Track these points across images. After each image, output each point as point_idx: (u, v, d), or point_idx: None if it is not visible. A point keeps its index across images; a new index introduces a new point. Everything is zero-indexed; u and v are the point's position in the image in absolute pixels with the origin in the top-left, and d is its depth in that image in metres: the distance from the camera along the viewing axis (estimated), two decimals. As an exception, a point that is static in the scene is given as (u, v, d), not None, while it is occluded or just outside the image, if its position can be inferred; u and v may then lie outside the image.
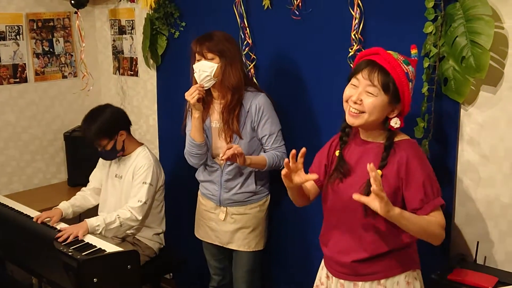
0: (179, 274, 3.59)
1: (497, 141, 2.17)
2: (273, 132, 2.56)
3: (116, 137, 2.87)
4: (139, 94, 3.68)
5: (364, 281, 1.98)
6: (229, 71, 2.46)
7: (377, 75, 1.83)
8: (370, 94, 1.84)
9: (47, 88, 3.71)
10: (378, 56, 1.86)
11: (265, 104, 2.53)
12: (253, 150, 2.59)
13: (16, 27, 3.50)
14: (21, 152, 3.64)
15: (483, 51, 2.05)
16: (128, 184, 2.90)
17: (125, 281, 2.46)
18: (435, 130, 2.26)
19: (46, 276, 2.59)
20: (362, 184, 1.88)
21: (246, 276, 2.76)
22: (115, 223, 2.74)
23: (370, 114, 1.85)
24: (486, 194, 2.23)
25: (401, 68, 1.84)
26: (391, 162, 1.89)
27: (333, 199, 2.01)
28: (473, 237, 2.28)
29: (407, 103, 1.88)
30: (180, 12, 3.21)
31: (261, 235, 2.72)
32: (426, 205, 1.86)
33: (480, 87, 2.18)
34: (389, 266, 1.95)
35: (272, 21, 2.76)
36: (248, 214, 2.66)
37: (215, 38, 2.46)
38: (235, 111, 2.51)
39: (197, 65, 2.47)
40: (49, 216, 2.82)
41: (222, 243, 2.73)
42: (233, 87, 2.48)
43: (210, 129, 2.61)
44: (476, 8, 2.06)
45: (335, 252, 2.02)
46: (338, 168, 1.99)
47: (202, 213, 2.79)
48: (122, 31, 3.67)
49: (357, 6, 2.40)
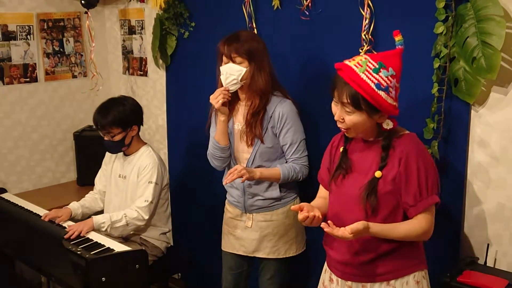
0: (188, 274, 3.59)
1: (508, 142, 2.15)
2: (295, 142, 2.47)
3: (129, 130, 2.87)
4: (148, 94, 3.69)
5: (373, 282, 1.96)
6: (258, 75, 2.39)
7: (345, 94, 1.83)
8: (348, 112, 1.86)
9: (57, 87, 3.73)
10: (341, 72, 1.85)
11: (290, 112, 2.45)
12: (275, 157, 2.52)
13: (26, 27, 3.52)
14: (31, 151, 3.66)
15: (494, 51, 2.03)
16: (133, 184, 2.90)
17: (133, 281, 2.46)
18: (445, 131, 2.25)
19: (55, 274, 2.60)
20: (363, 185, 1.91)
21: (274, 278, 2.67)
22: (121, 221, 2.75)
23: (355, 129, 1.90)
24: (496, 196, 2.21)
25: (366, 83, 1.79)
26: (391, 161, 1.90)
27: (337, 196, 2.03)
28: (483, 240, 2.26)
29: (388, 109, 1.84)
30: (190, 12, 3.21)
31: (292, 241, 2.60)
32: (420, 203, 1.87)
33: (491, 88, 2.16)
34: (398, 267, 1.95)
35: (281, 22, 2.76)
36: (275, 220, 2.55)
37: (242, 39, 2.38)
38: (260, 115, 2.44)
39: (225, 67, 2.39)
40: (57, 214, 2.84)
41: (247, 252, 2.62)
42: (261, 91, 2.42)
43: (233, 131, 2.55)
44: (487, 8, 2.04)
45: (342, 253, 2.00)
46: (341, 165, 2.01)
47: (227, 221, 2.70)
48: (132, 31, 3.68)
49: (367, 6, 2.39)
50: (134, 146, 2.95)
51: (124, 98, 2.96)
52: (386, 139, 1.91)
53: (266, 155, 2.48)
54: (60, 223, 2.80)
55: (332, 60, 2.57)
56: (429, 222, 1.90)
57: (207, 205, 3.32)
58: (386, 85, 1.81)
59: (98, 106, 2.91)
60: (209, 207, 3.26)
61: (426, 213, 1.89)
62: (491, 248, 2.23)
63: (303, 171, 2.52)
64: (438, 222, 2.34)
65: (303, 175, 2.52)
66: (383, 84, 1.80)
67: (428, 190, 1.88)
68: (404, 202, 1.90)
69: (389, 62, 1.84)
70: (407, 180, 1.87)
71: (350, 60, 1.86)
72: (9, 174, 3.57)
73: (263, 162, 2.50)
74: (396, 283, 1.95)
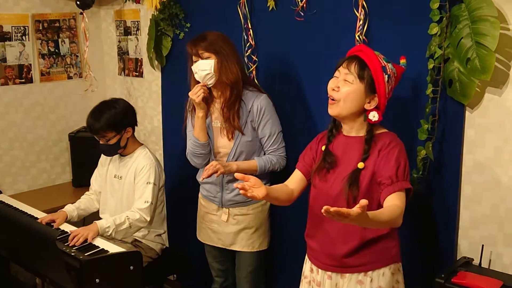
0: (183, 275, 3.58)
1: (502, 143, 2.15)
2: (273, 134, 2.58)
3: (123, 133, 2.86)
4: (144, 95, 3.69)
5: (352, 272, 2.05)
6: (226, 67, 2.48)
7: (354, 64, 1.97)
8: (347, 81, 1.97)
9: (53, 88, 3.72)
10: (360, 52, 2.01)
11: (267, 105, 2.56)
12: (254, 150, 2.60)
13: (22, 27, 3.51)
14: (26, 152, 3.65)
15: (488, 52, 2.03)
16: (130, 185, 2.90)
17: (128, 282, 2.45)
18: (439, 132, 2.25)
19: (49, 276, 2.59)
20: (343, 179, 1.99)
21: (250, 277, 2.76)
22: (125, 224, 2.74)
23: (344, 101, 1.97)
24: (491, 197, 2.21)
25: (378, 61, 1.96)
26: (372, 154, 1.99)
27: (320, 189, 2.08)
28: (478, 241, 2.26)
29: (382, 95, 1.97)
30: (185, 13, 3.21)
31: (264, 235, 2.72)
32: (395, 183, 1.92)
33: (485, 89, 2.16)
34: (376, 259, 2.03)
35: (276, 22, 2.76)
36: (251, 214, 2.66)
37: (208, 38, 2.49)
38: (235, 107, 2.53)
39: (195, 66, 2.50)
40: (53, 218, 2.82)
41: (224, 245, 2.73)
42: (231, 83, 2.50)
43: (211, 128, 2.62)
44: (482, 9, 2.04)
45: (324, 244, 2.09)
46: (326, 159, 2.08)
47: (203, 216, 2.79)
48: (127, 32, 3.68)
49: (362, 7, 2.39)
50: (130, 147, 2.94)
51: (115, 101, 2.93)
52: (369, 132, 2.01)
53: (247, 148, 2.57)
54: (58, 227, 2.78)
55: (326, 61, 2.60)
56: (403, 202, 1.93)
57: (202, 206, 3.31)
58: (389, 73, 1.99)
59: (91, 111, 2.89)
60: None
61: (400, 193, 1.93)
62: (486, 249, 2.22)
63: (280, 162, 2.61)
64: (433, 223, 2.35)
65: (281, 166, 2.62)
66: (388, 70, 1.98)
67: (404, 176, 1.95)
68: (380, 183, 1.95)
69: (395, 66, 2.05)
70: (386, 163, 1.95)
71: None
72: (4, 175, 3.56)
73: (243, 156, 2.59)
74: (373, 274, 2.03)
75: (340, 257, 2.04)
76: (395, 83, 2.05)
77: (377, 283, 2.03)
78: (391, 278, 2.05)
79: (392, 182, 1.92)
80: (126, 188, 2.91)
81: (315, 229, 2.13)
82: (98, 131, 2.81)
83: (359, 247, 2.02)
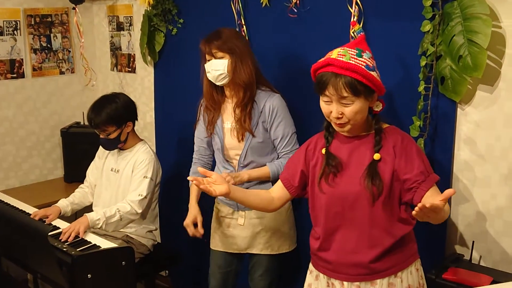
0: (175, 272, 3.58)
1: (493, 140, 2.17)
2: (286, 135, 2.47)
3: (123, 127, 2.86)
4: (136, 90, 3.68)
5: (382, 277, 1.95)
6: (240, 68, 2.40)
7: (342, 86, 1.81)
8: (346, 104, 1.85)
9: (45, 83, 3.71)
10: (332, 67, 1.83)
11: (280, 106, 2.46)
12: (267, 152, 2.51)
13: (13, 22, 3.49)
14: (18, 147, 3.63)
15: (480, 50, 2.05)
16: (127, 179, 2.89)
17: (120, 278, 2.45)
18: (431, 129, 2.26)
19: (41, 272, 2.58)
20: (361, 176, 1.90)
21: (262, 280, 2.66)
22: (115, 216, 2.73)
23: (354, 120, 1.87)
24: (482, 194, 2.23)
25: (358, 67, 1.81)
26: (385, 146, 1.91)
27: (331, 195, 1.97)
28: (469, 237, 2.28)
29: (381, 88, 1.87)
30: (178, 9, 3.20)
31: (285, 237, 2.60)
32: (428, 178, 1.87)
33: (477, 87, 2.17)
34: (403, 258, 1.97)
35: (269, 19, 2.76)
36: (267, 217, 2.53)
37: (223, 36, 2.40)
38: (247, 108, 2.44)
39: (208, 65, 2.42)
40: (46, 214, 2.81)
41: (239, 249, 2.61)
42: (244, 84, 2.41)
43: (222, 129, 2.54)
44: (474, 7, 2.06)
45: (344, 254, 1.97)
46: (330, 163, 1.97)
47: (219, 220, 2.67)
48: (120, 28, 3.67)
49: (356, 4, 2.40)
50: (130, 142, 2.93)
51: (116, 95, 2.93)
52: (377, 123, 1.93)
53: (257, 150, 2.48)
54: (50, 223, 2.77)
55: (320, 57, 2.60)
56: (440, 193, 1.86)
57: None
58: (372, 65, 1.86)
59: (91, 105, 2.88)
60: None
61: (435, 186, 1.89)
62: (477, 245, 2.24)
63: None
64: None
65: None
66: (370, 65, 1.85)
67: (430, 168, 1.91)
68: (413, 181, 1.87)
69: (363, 47, 1.89)
70: (408, 160, 1.88)
71: (328, 56, 1.87)
72: (-5, 171, 3.55)
73: (255, 158, 2.50)
74: (402, 275, 1.97)
75: (367, 264, 1.94)
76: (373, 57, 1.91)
77: (407, 282, 1.97)
78: (417, 274, 2.00)
79: (425, 178, 1.87)
80: (123, 181, 2.90)
81: (330, 240, 2.00)
82: (98, 125, 2.81)
83: (386, 250, 1.93)
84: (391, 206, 1.92)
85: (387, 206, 1.91)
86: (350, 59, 1.82)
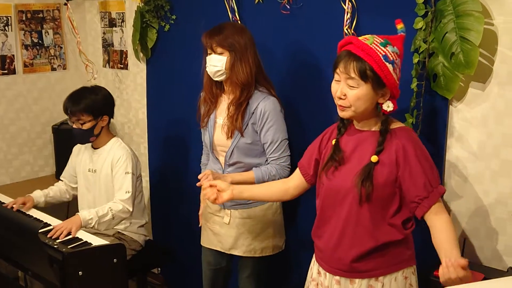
0: (167, 269, 3.57)
1: (485, 137, 2.17)
2: (275, 141, 2.42)
3: (99, 119, 2.85)
4: (129, 87, 3.66)
5: (362, 278, 1.94)
6: (238, 66, 2.36)
7: (352, 66, 1.80)
8: (351, 86, 1.82)
9: (36, 80, 3.68)
10: (351, 46, 1.83)
11: (272, 110, 2.40)
12: (255, 154, 2.47)
13: (4, 18, 3.46)
14: (9, 144, 3.60)
15: (472, 47, 2.05)
16: (107, 177, 2.87)
17: (111, 275, 2.44)
18: (424, 126, 2.26)
19: (31, 269, 2.56)
20: (357, 172, 1.87)
21: (249, 282, 2.66)
22: (108, 215, 2.72)
23: (356, 106, 1.84)
24: (473, 191, 2.23)
25: (375, 53, 1.79)
26: (387, 149, 1.86)
27: (327, 188, 1.97)
28: (460, 234, 2.28)
29: (393, 85, 1.83)
30: (171, 5, 3.19)
31: (268, 241, 2.56)
32: (432, 193, 1.83)
33: (469, 84, 2.17)
34: (388, 263, 1.93)
35: (263, 15, 2.75)
36: (252, 218, 2.52)
37: (225, 32, 2.36)
38: (241, 108, 2.40)
39: (208, 58, 2.40)
40: (25, 200, 2.85)
41: (224, 248, 2.59)
42: (242, 83, 2.38)
43: (213, 123, 2.52)
44: (466, 4, 2.06)
45: (331, 246, 1.97)
46: (333, 156, 1.95)
47: (207, 217, 2.66)
48: (112, 24, 3.65)
49: (349, 1, 2.39)
50: (103, 138, 2.91)
51: (98, 88, 2.94)
52: (384, 123, 1.88)
53: (244, 150, 2.45)
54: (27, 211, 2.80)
55: (314, 54, 2.60)
56: (444, 209, 1.86)
57: (186, 198, 3.30)
58: (392, 59, 1.82)
59: (70, 94, 2.87)
60: (188, 200, 3.24)
61: (439, 202, 1.85)
62: (468, 242, 2.25)
63: (281, 173, 2.44)
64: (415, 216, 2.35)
65: (281, 177, 2.43)
66: (390, 57, 1.81)
67: (435, 179, 1.85)
68: (415, 196, 1.83)
69: (394, 42, 1.86)
70: (412, 173, 1.83)
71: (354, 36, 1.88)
72: (-14, 168, 3.52)
73: (241, 158, 2.47)
74: (384, 280, 1.93)
75: (349, 262, 1.93)
76: (401, 59, 1.89)
77: (389, 287, 1.93)
78: (404, 282, 1.95)
79: (428, 193, 1.82)
80: (103, 181, 2.89)
81: (323, 229, 2.01)
82: (75, 112, 2.79)
83: (369, 251, 1.90)
84: (381, 209, 1.89)
85: (376, 208, 1.88)
86: (372, 43, 1.81)
